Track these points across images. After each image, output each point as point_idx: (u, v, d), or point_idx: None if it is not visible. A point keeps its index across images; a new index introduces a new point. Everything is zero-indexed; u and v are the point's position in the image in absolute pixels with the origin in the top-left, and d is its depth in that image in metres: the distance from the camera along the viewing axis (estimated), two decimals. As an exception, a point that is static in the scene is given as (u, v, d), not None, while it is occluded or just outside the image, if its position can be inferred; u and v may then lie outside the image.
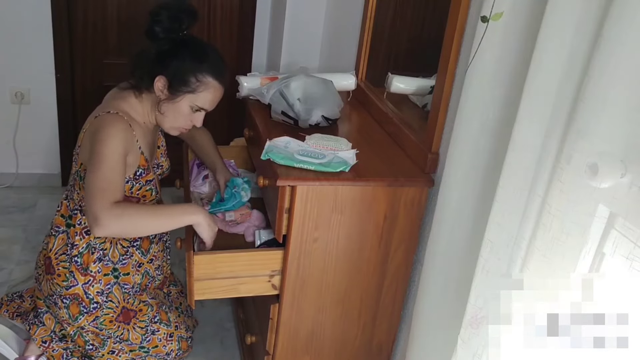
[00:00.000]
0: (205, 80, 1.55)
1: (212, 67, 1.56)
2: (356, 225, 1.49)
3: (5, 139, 3.06)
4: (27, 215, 2.91)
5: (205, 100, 1.58)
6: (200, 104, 1.57)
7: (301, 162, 1.44)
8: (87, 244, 1.65)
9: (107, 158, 1.48)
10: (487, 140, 1.18)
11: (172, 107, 1.58)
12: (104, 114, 1.53)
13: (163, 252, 1.84)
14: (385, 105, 1.82)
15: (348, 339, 1.65)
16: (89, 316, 1.67)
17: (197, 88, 1.55)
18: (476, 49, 1.14)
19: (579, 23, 0.92)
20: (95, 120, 1.54)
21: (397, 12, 2.01)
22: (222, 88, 1.59)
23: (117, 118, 1.52)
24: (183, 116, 1.59)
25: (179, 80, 1.54)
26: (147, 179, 1.64)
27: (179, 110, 1.58)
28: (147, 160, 1.63)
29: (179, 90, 1.55)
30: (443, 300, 1.33)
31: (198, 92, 1.55)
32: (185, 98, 1.56)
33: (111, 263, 1.68)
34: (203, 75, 1.55)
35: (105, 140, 1.48)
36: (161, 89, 1.56)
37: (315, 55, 2.64)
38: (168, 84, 1.55)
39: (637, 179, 0.82)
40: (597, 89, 0.85)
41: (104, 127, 1.50)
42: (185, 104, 1.57)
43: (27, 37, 2.88)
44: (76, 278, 1.65)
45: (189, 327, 1.91)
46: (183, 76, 1.54)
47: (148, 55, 1.57)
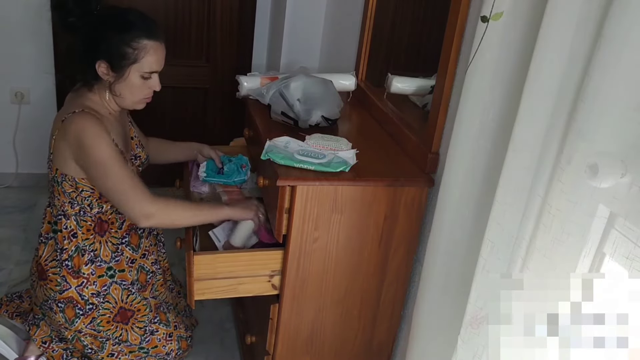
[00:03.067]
0: (141, 45, 1.52)
1: (141, 30, 1.53)
2: (356, 225, 1.49)
3: (5, 139, 3.07)
4: (27, 215, 2.90)
5: (150, 64, 1.55)
6: (147, 69, 1.55)
7: (301, 162, 1.44)
8: (76, 247, 1.64)
9: (110, 159, 1.49)
10: (487, 140, 1.18)
11: (124, 84, 1.55)
12: (70, 115, 1.52)
13: (156, 245, 1.83)
14: (385, 106, 1.82)
15: (348, 339, 1.65)
16: (85, 318, 1.67)
17: (138, 56, 1.52)
18: (476, 49, 1.14)
19: (579, 23, 0.92)
20: (64, 124, 1.53)
21: (397, 12, 2.01)
22: (160, 44, 1.56)
23: (86, 116, 1.51)
24: (138, 88, 1.57)
25: (117, 57, 1.52)
26: None
27: (131, 84, 1.55)
28: (121, 152, 1.60)
29: (121, 66, 1.53)
30: (443, 300, 1.33)
31: (140, 60, 1.53)
32: (132, 70, 1.54)
33: (104, 263, 1.67)
34: (136, 42, 1.52)
35: (94, 144, 1.49)
36: (106, 73, 1.54)
37: (315, 55, 2.63)
38: (109, 65, 1.53)
39: (637, 179, 0.82)
40: (597, 89, 0.85)
41: (83, 131, 1.49)
42: (134, 76, 1.55)
43: (27, 37, 2.88)
44: (68, 282, 1.64)
45: (189, 327, 1.91)
46: (119, 51, 1.51)
47: (77, 49, 1.55)
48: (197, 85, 3.13)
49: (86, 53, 1.53)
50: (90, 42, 1.53)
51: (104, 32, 1.52)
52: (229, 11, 3.02)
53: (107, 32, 1.52)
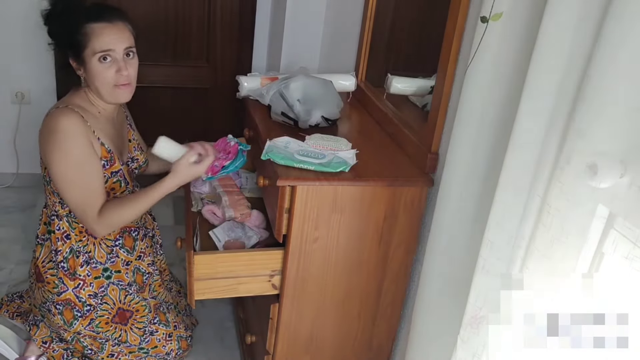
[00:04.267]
0: (88, 30, 1.50)
1: (83, 16, 1.52)
2: (356, 225, 1.49)
3: (5, 139, 3.07)
4: (27, 215, 2.90)
5: (100, 44, 1.49)
6: (98, 49, 1.49)
7: (301, 162, 1.44)
8: (70, 248, 1.64)
9: (74, 163, 1.50)
10: (487, 140, 1.18)
11: (90, 75, 1.53)
12: (53, 110, 1.54)
13: (152, 247, 1.83)
14: (385, 106, 1.82)
15: (348, 339, 1.65)
16: (84, 320, 1.67)
17: (87, 40, 1.49)
18: (476, 49, 1.14)
19: (578, 23, 0.92)
20: (46, 117, 1.54)
21: (397, 12, 2.01)
22: (109, 23, 1.51)
23: (67, 112, 1.51)
24: (101, 72, 1.51)
25: (74, 50, 1.53)
26: (113, 170, 1.61)
27: (93, 71, 1.51)
28: (109, 152, 1.59)
29: (80, 57, 1.53)
30: (443, 300, 1.33)
31: (90, 43, 1.49)
32: (87, 56, 1.51)
33: (100, 264, 1.67)
34: (82, 28, 1.50)
35: (63, 143, 1.49)
36: (77, 69, 1.56)
37: (315, 55, 2.63)
38: (74, 61, 1.56)
39: (636, 179, 0.82)
40: (597, 89, 0.85)
41: (56, 126, 1.50)
42: (92, 62, 1.51)
43: (27, 37, 2.88)
44: (65, 284, 1.64)
45: (188, 326, 1.91)
46: (72, 44, 1.53)
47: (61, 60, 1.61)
48: (197, 86, 3.13)
49: (63, 57, 1.58)
50: (59, 46, 1.58)
51: (59, 32, 1.55)
52: (229, 12, 3.02)
53: (60, 30, 1.55)
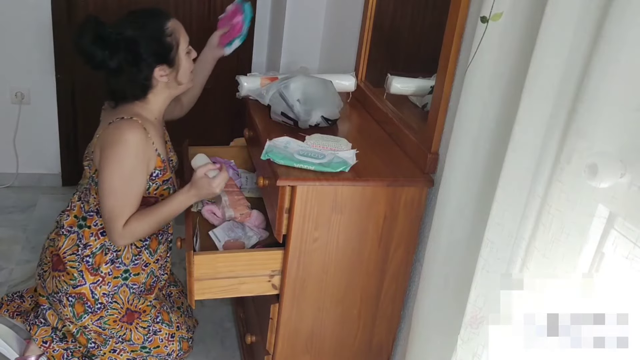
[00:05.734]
0: (170, 29, 1.58)
1: (158, 17, 1.58)
2: (356, 225, 1.49)
3: (5, 139, 3.07)
4: (27, 215, 2.91)
5: (185, 37, 1.62)
6: (185, 44, 1.62)
7: (301, 162, 1.44)
8: (102, 245, 1.65)
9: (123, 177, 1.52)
10: (487, 140, 1.18)
11: (181, 71, 1.62)
12: (119, 120, 1.54)
13: (167, 252, 1.84)
14: (385, 106, 1.82)
15: (348, 339, 1.65)
16: (94, 316, 1.68)
17: (176, 38, 1.58)
18: (476, 49, 1.14)
19: (578, 23, 0.92)
20: (110, 126, 1.54)
21: (397, 12, 2.01)
22: (174, 18, 1.61)
23: (132, 124, 1.53)
24: (189, 65, 1.65)
25: (166, 52, 1.57)
26: (164, 179, 1.64)
27: (185, 67, 1.63)
28: (163, 161, 1.63)
29: (173, 57, 1.58)
30: (443, 300, 1.33)
31: (179, 39, 1.59)
32: (179, 54, 1.60)
33: (123, 265, 1.68)
34: (166, 29, 1.57)
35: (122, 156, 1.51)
36: (167, 73, 1.59)
37: (315, 55, 2.63)
38: (165, 65, 1.57)
39: (636, 179, 0.82)
40: (597, 89, 0.85)
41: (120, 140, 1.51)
42: (183, 58, 1.62)
43: (27, 37, 2.88)
44: (85, 277, 1.65)
45: (190, 328, 1.91)
46: (164, 47, 1.56)
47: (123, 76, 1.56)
48: (197, 86, 3.13)
49: (138, 71, 1.55)
50: (134, 61, 1.54)
51: (139, 44, 1.54)
52: (229, 11, 3.02)
53: (142, 42, 1.54)
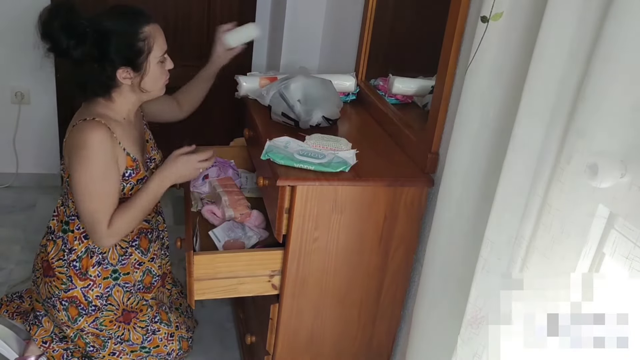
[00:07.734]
0: (145, 34, 1.51)
1: (137, 20, 1.51)
2: (356, 225, 1.49)
3: (5, 139, 3.07)
4: (27, 215, 2.91)
5: (160, 46, 1.55)
6: (160, 52, 1.55)
7: (301, 162, 1.44)
8: (86, 248, 1.64)
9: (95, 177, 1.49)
10: (487, 140, 1.18)
11: (148, 78, 1.55)
12: (81, 122, 1.51)
13: (161, 249, 1.83)
14: (385, 106, 1.82)
15: (348, 339, 1.65)
16: (89, 317, 1.67)
17: (149, 44, 1.52)
18: (476, 49, 1.14)
19: (579, 23, 0.92)
20: (74, 129, 1.52)
21: (397, 12, 2.01)
22: (155, 23, 1.55)
23: (96, 125, 1.50)
24: (159, 75, 1.57)
25: (134, 56, 1.51)
26: (138, 178, 1.62)
27: (154, 74, 1.55)
28: (134, 160, 1.60)
29: (140, 61, 1.52)
30: (443, 300, 1.33)
31: (152, 46, 1.52)
32: (150, 60, 1.53)
33: (110, 266, 1.67)
34: (139, 32, 1.50)
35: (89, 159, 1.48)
36: (128, 77, 1.53)
37: (315, 55, 2.63)
38: (130, 68, 1.52)
39: (637, 179, 0.82)
40: (597, 89, 0.85)
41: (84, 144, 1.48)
42: (153, 64, 1.54)
43: (27, 37, 2.87)
44: (74, 282, 1.64)
45: (190, 328, 1.91)
46: (133, 50, 1.50)
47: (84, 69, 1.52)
48: (197, 86, 3.13)
49: (101, 68, 1.50)
50: (99, 57, 1.49)
51: (107, 41, 1.48)
52: (228, 11, 3.02)
53: (111, 40, 1.48)
